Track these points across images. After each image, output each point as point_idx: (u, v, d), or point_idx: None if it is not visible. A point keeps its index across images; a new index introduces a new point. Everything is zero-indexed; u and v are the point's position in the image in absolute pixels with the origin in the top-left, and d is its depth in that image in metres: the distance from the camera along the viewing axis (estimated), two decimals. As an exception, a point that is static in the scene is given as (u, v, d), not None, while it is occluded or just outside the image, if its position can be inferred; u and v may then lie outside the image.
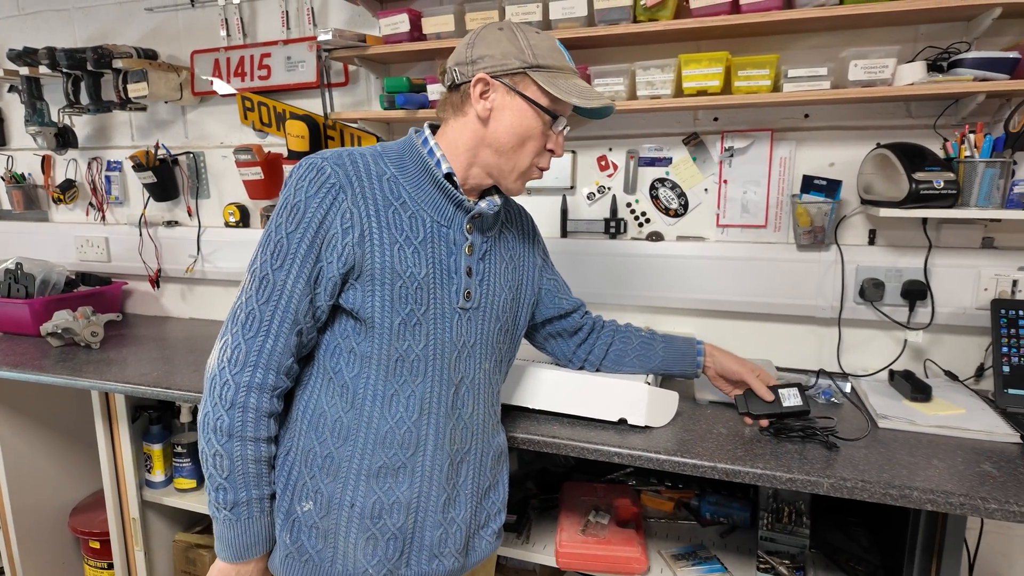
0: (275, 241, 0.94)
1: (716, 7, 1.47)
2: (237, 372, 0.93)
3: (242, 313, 0.94)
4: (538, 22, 1.61)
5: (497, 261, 1.09)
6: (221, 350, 0.95)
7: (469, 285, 1.03)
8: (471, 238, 1.04)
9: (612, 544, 1.45)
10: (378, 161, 0.99)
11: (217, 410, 0.94)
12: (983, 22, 1.39)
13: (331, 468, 0.98)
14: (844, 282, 1.62)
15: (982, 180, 1.37)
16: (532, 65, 0.97)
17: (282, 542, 1.01)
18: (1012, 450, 1.23)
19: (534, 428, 1.32)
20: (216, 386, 0.94)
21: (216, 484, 0.95)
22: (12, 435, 1.95)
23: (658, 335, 1.36)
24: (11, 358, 1.82)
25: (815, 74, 1.45)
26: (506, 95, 0.98)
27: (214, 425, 0.94)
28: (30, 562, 2.03)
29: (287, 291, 0.94)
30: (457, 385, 1.03)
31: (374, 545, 0.99)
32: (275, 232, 0.94)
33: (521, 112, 0.98)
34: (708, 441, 1.27)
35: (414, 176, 1.00)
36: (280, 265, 0.93)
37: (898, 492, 1.08)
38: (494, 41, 0.98)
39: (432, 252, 0.99)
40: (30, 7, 2.38)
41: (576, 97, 0.97)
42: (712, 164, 1.72)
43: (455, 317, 1.02)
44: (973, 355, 1.59)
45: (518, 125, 0.98)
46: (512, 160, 1.01)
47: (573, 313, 1.32)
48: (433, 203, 1.01)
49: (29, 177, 2.50)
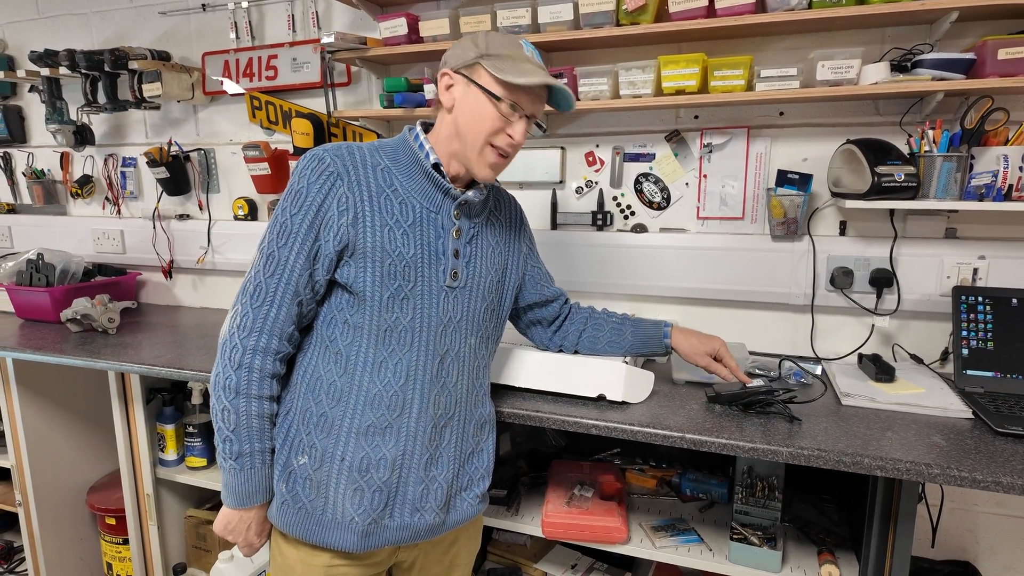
0: (280, 222, 1.06)
1: (693, 11, 1.57)
2: (244, 337, 1.06)
3: (251, 286, 1.07)
4: (527, 25, 1.71)
5: (484, 245, 1.20)
6: (232, 318, 1.08)
7: (456, 266, 1.14)
8: (458, 223, 1.14)
9: (594, 515, 1.54)
10: (374, 154, 1.11)
11: (226, 370, 1.06)
12: (943, 25, 1.48)
13: (325, 425, 1.10)
14: (816, 271, 1.71)
15: (940, 173, 1.46)
16: (484, 55, 1.06)
17: (279, 492, 1.12)
18: (963, 424, 1.32)
19: (520, 404, 1.42)
20: (226, 349, 1.07)
21: (223, 436, 1.08)
22: (34, 416, 2.07)
23: (629, 320, 1.45)
24: (33, 342, 1.93)
25: (786, 74, 1.54)
26: (465, 86, 1.08)
27: (223, 384, 1.06)
28: (49, 537, 2.14)
29: (289, 266, 1.06)
30: (443, 356, 1.14)
31: (360, 496, 1.09)
32: (281, 215, 1.07)
33: (476, 99, 1.07)
34: (680, 416, 1.36)
35: (406, 167, 1.12)
36: (284, 243, 1.06)
37: (850, 459, 1.18)
38: (461, 44, 1.11)
39: (421, 235, 1.10)
40: (50, 11, 2.50)
41: (513, 76, 1.03)
42: (692, 160, 1.82)
43: (442, 294, 1.12)
44: (938, 340, 1.68)
45: (475, 111, 1.07)
46: (470, 144, 1.09)
47: (554, 301, 1.42)
48: (423, 191, 1.12)
49: (49, 173, 2.62)
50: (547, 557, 1.77)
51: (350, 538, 1.10)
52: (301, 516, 1.11)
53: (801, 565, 1.43)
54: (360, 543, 1.10)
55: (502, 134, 1.09)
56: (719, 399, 1.41)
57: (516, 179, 1.98)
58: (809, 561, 1.44)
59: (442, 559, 1.27)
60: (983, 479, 1.10)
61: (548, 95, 1.13)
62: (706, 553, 1.48)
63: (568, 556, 1.78)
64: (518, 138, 1.10)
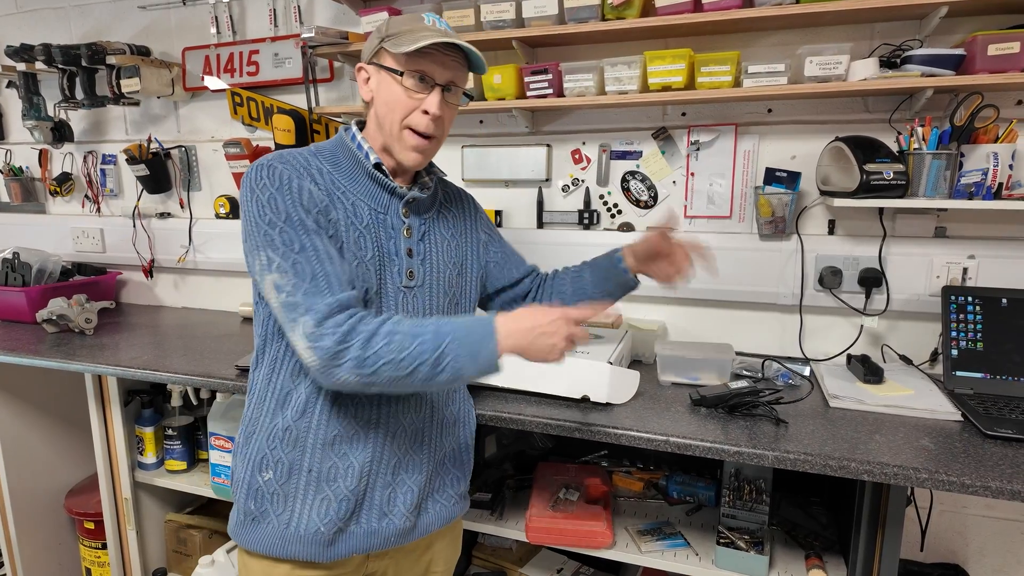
0: (278, 235, 0.97)
1: (680, 6, 1.54)
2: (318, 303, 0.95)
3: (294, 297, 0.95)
4: (511, 20, 1.68)
5: (438, 240, 1.16)
6: (300, 329, 0.95)
7: (411, 265, 1.11)
8: (408, 221, 1.11)
9: (579, 519, 1.52)
10: (313, 159, 1.06)
11: (345, 347, 0.93)
12: (932, 20, 1.46)
13: (291, 439, 1.06)
14: (804, 270, 1.69)
15: (929, 171, 1.44)
16: (383, 37, 1.04)
17: (246, 509, 1.09)
18: (952, 427, 1.30)
19: (502, 406, 1.39)
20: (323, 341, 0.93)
21: (413, 363, 0.94)
22: (10, 419, 2.02)
23: (585, 264, 1.36)
24: (8, 343, 1.89)
25: (773, 70, 1.51)
26: (376, 74, 1.06)
27: (356, 359, 0.93)
28: (27, 543, 2.10)
29: (324, 257, 0.97)
30: None
31: (327, 506, 1.06)
32: (270, 228, 0.97)
33: (386, 83, 1.04)
34: (665, 418, 1.34)
35: (348, 170, 1.08)
36: (301, 248, 0.97)
37: (837, 464, 1.15)
38: (370, 36, 1.08)
39: (374, 237, 1.07)
40: (28, 5, 2.45)
41: (407, 46, 0.98)
42: (680, 157, 1.79)
43: (400, 295, 1.09)
44: (927, 340, 1.66)
45: (387, 95, 1.04)
46: (387, 127, 1.06)
47: (524, 279, 1.36)
48: (368, 193, 1.08)
49: (27, 170, 2.57)
50: (532, 561, 1.75)
51: (314, 549, 1.07)
52: (268, 531, 1.07)
53: (788, 570, 1.40)
54: (324, 553, 1.07)
55: (417, 113, 1.04)
56: (704, 402, 1.39)
57: (501, 177, 1.95)
58: (797, 565, 1.42)
59: (414, 567, 1.23)
60: (972, 484, 1.08)
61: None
62: (692, 558, 1.45)
63: (554, 560, 1.75)
64: (433, 110, 1.04)
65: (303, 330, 0.95)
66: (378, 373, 0.94)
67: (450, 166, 2.01)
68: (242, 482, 1.09)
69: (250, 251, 1.01)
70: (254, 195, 0.99)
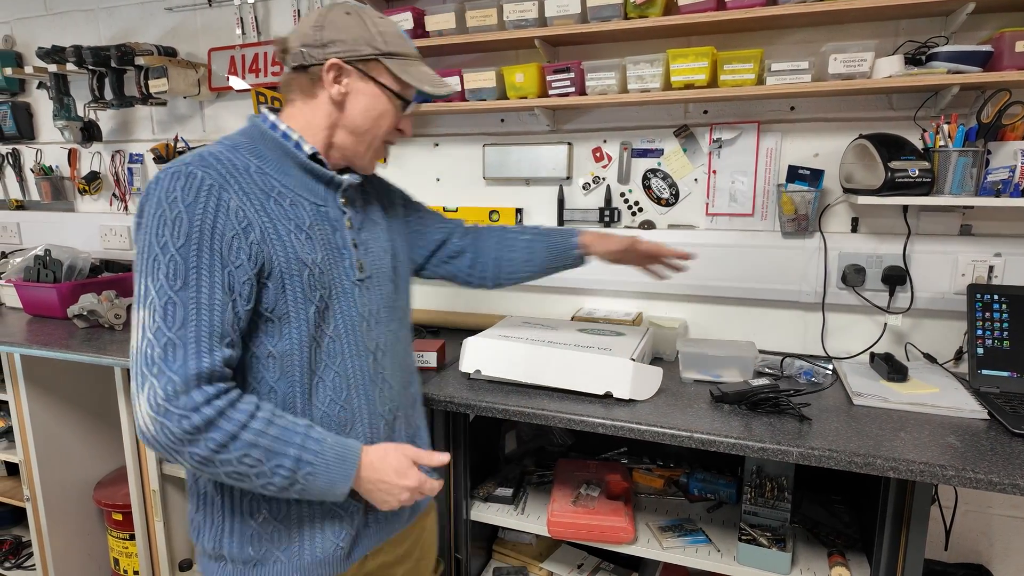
0: (165, 263, 0.85)
1: (703, 4, 1.54)
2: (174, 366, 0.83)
3: (153, 349, 0.83)
4: (534, 19, 1.69)
5: (373, 228, 1.12)
6: (147, 393, 0.83)
7: (359, 257, 1.06)
8: (348, 212, 1.06)
9: (601, 514, 1.53)
10: (236, 155, 0.95)
11: (191, 441, 0.83)
12: (959, 17, 1.45)
13: None
14: (827, 268, 1.68)
15: (956, 168, 1.43)
16: (384, 52, 1.00)
17: (244, 557, 1.00)
18: (978, 425, 1.29)
19: (525, 402, 1.41)
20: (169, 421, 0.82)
21: (258, 479, 0.87)
22: (41, 412, 2.07)
23: (540, 234, 1.38)
24: (40, 338, 1.93)
25: (797, 68, 1.51)
26: (359, 80, 1.00)
27: (201, 458, 0.85)
28: (57, 533, 2.15)
29: (204, 305, 0.86)
30: (374, 352, 1.07)
31: (339, 521, 1.02)
32: (162, 253, 0.85)
33: (375, 97, 1.01)
34: (688, 414, 1.34)
35: (276, 163, 0.99)
36: (184, 285, 0.85)
37: (862, 460, 1.15)
38: (344, 26, 0.98)
39: (321, 234, 1.00)
40: (57, 7, 2.50)
41: (428, 85, 1.02)
42: (702, 155, 1.79)
43: (355, 291, 1.04)
44: (952, 338, 1.65)
45: (372, 109, 1.02)
46: (366, 141, 1.04)
47: (450, 239, 1.35)
48: (305, 186, 1.01)
49: (56, 169, 2.63)
50: (553, 556, 1.76)
51: (334, 567, 1.03)
52: (275, 569, 1.00)
53: (811, 567, 1.40)
54: (343, 564, 1.04)
55: (395, 129, 1.07)
56: (726, 398, 1.39)
57: (522, 175, 1.96)
58: (819, 563, 1.42)
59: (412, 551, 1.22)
60: (1000, 481, 1.07)
61: None
62: (714, 554, 1.46)
63: (574, 556, 1.76)
64: (409, 131, 1.08)
65: (149, 397, 0.82)
66: (218, 474, 0.87)
67: (472, 165, 2.04)
68: (226, 532, 0.99)
69: (136, 273, 0.87)
70: (159, 209, 0.86)
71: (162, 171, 0.89)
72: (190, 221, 0.86)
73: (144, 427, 0.83)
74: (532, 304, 2.03)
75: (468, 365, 1.54)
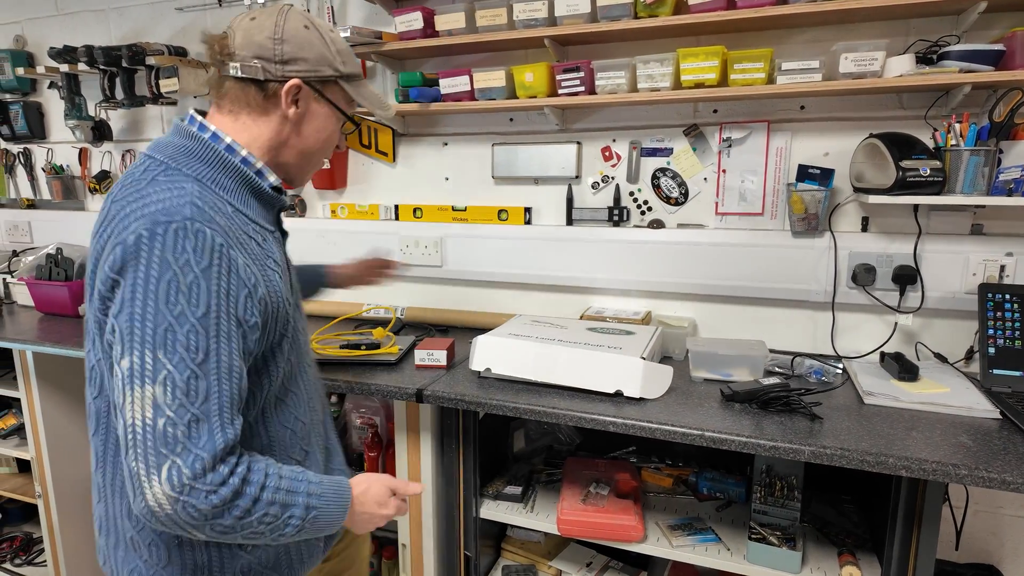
0: (184, 334, 0.78)
1: (713, 3, 1.54)
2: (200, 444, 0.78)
3: (176, 428, 0.77)
4: (544, 19, 1.70)
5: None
6: (167, 473, 0.77)
7: (293, 277, 1.06)
8: (282, 232, 1.06)
9: (610, 512, 1.53)
10: (209, 193, 0.88)
11: (217, 514, 0.80)
12: (970, 16, 1.45)
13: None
14: (837, 267, 1.68)
15: (967, 167, 1.42)
16: (343, 75, 0.98)
17: None
18: (990, 425, 1.29)
19: (536, 400, 1.41)
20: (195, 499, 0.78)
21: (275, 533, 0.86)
22: (53, 409, 2.09)
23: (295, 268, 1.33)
24: (52, 335, 1.95)
25: (807, 67, 1.51)
26: (314, 101, 0.97)
27: (224, 527, 0.82)
28: (68, 529, 2.16)
29: (224, 375, 0.82)
30: (311, 364, 1.08)
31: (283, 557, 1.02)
32: (177, 324, 0.78)
33: (327, 118, 1.00)
34: (699, 413, 1.35)
35: (239, 195, 0.93)
36: (205, 358, 0.80)
37: (874, 459, 1.15)
38: (306, 44, 0.94)
39: (281, 263, 0.97)
40: (68, 7, 2.52)
41: (378, 108, 1.05)
42: (711, 154, 1.79)
43: (297, 314, 1.03)
44: (962, 338, 1.65)
45: (323, 129, 1.00)
46: (313, 161, 1.04)
47: None
48: (262, 215, 0.97)
49: (67, 168, 2.64)
50: (562, 555, 1.76)
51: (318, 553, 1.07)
52: None
53: (821, 566, 1.40)
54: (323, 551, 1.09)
55: (334, 147, 1.07)
56: (737, 397, 1.39)
57: (531, 174, 1.97)
58: (829, 562, 1.42)
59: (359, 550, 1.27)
60: (1013, 480, 1.07)
61: None
62: (724, 552, 1.46)
63: (583, 554, 1.77)
64: (344, 149, 1.10)
65: (171, 477, 0.76)
66: (234, 538, 0.83)
67: (480, 164, 2.04)
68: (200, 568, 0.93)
69: (128, 340, 0.78)
70: (166, 273, 0.78)
71: (154, 223, 0.80)
72: (208, 288, 0.80)
73: (156, 507, 0.77)
74: (539, 303, 2.03)
75: (479, 363, 1.54)
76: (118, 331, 0.79)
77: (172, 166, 0.88)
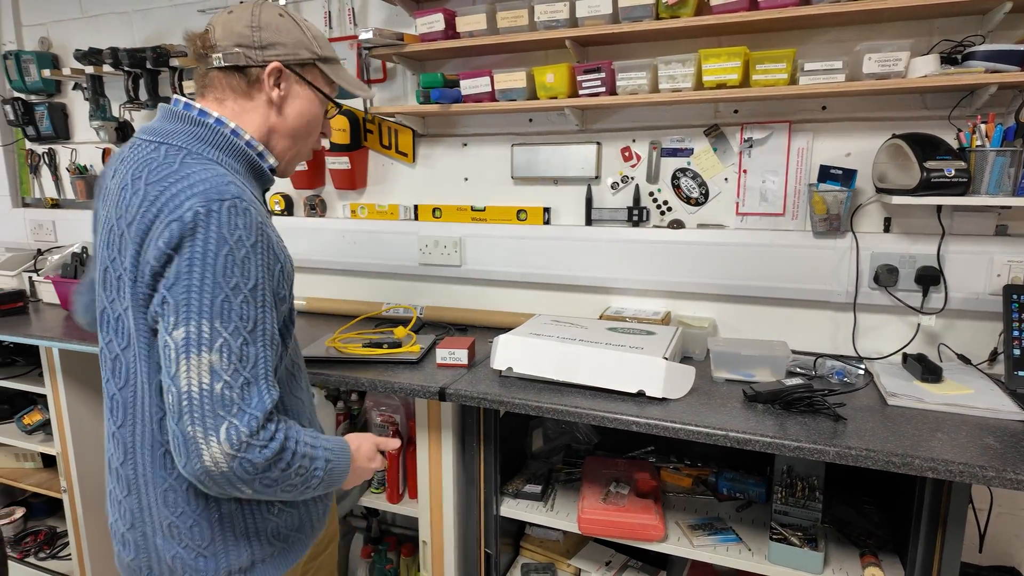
0: (238, 305, 0.85)
1: (735, 4, 1.54)
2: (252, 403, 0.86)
3: (232, 390, 0.83)
4: (565, 20, 1.70)
5: None
6: (225, 433, 0.82)
7: None
8: None
9: (631, 512, 1.54)
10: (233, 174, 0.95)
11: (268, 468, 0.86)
12: (996, 16, 1.44)
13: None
14: (859, 268, 1.68)
15: (992, 168, 1.42)
16: (320, 57, 1.03)
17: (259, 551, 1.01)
18: (1016, 427, 1.28)
19: (557, 399, 1.42)
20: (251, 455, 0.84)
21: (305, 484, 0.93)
22: (78, 405, 2.12)
23: None
24: (78, 333, 1.98)
25: (830, 67, 1.51)
26: (296, 84, 1.02)
27: (270, 480, 0.88)
28: (93, 523, 2.19)
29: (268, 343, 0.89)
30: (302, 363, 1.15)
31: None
32: (233, 295, 0.85)
33: (310, 100, 1.04)
34: (722, 413, 1.35)
35: (245, 176, 0.99)
36: (254, 327, 0.87)
37: (900, 460, 1.15)
38: (283, 29, 1.00)
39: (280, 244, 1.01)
40: (92, 10, 2.55)
41: (357, 89, 1.09)
42: (732, 155, 1.79)
43: None
44: (986, 340, 1.64)
45: (308, 112, 1.05)
46: (302, 145, 1.08)
47: None
48: (260, 195, 1.03)
49: (91, 168, 2.68)
50: (580, 553, 1.77)
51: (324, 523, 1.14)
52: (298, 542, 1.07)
53: (843, 567, 1.40)
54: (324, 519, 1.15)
55: (320, 134, 1.11)
56: (759, 397, 1.40)
57: (551, 175, 1.97)
58: (851, 563, 1.42)
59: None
60: (1041, 482, 1.07)
61: None
62: (745, 553, 1.46)
63: (602, 553, 1.77)
64: (330, 135, 1.12)
65: (230, 436, 0.82)
66: (275, 491, 0.90)
67: (500, 164, 2.05)
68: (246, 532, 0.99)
69: (184, 311, 0.83)
70: (224, 247, 0.84)
71: (208, 200, 0.85)
72: (255, 263, 0.87)
73: (212, 467, 0.82)
74: (558, 303, 2.04)
75: (500, 363, 1.55)
76: (172, 303, 0.84)
77: (192, 150, 0.93)
